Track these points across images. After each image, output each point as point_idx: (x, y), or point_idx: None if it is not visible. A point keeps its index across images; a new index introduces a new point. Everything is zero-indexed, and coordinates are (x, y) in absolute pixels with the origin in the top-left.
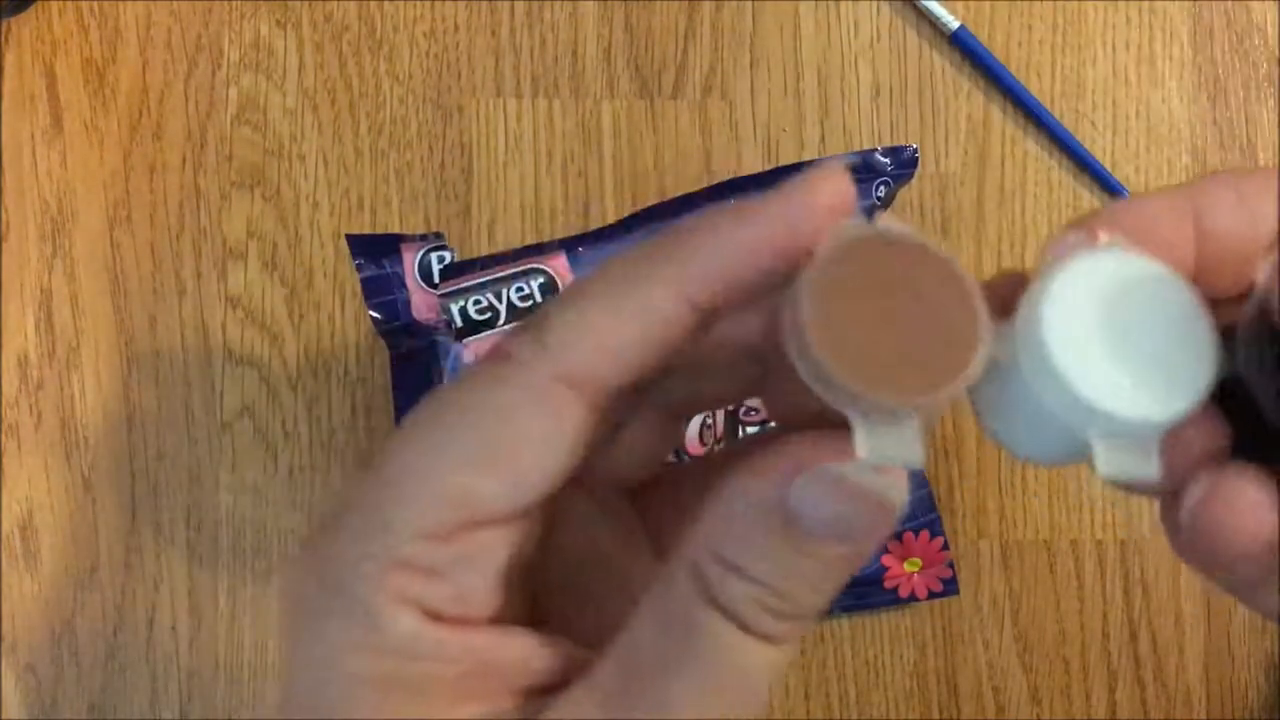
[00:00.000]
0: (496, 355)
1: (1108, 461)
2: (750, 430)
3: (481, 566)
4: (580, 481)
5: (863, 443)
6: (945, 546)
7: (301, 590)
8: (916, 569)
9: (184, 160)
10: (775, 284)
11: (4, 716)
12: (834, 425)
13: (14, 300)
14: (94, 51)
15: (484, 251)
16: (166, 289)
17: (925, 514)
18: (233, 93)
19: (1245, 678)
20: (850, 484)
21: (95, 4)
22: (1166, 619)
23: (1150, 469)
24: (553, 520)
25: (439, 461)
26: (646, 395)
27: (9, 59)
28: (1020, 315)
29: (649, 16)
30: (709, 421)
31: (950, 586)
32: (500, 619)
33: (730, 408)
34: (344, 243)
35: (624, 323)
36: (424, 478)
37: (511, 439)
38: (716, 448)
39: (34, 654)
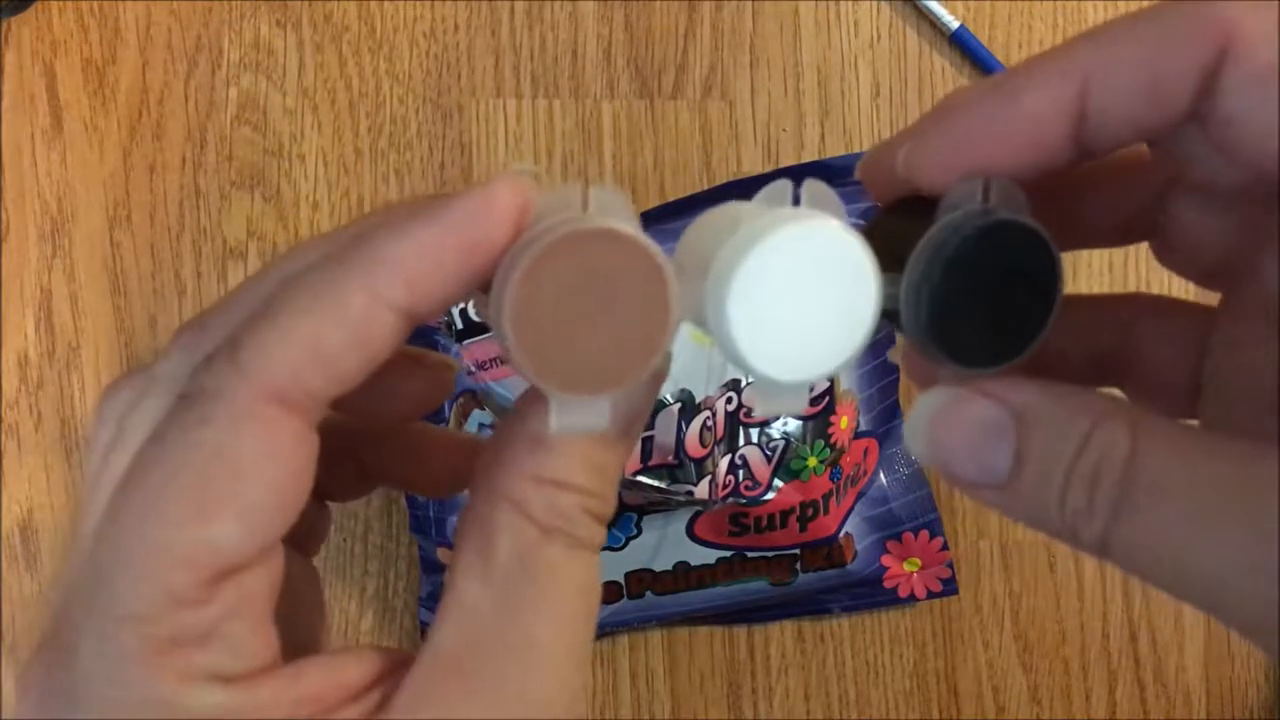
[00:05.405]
0: (191, 396)
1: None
2: (750, 430)
3: (246, 613)
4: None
5: (554, 420)
6: (945, 546)
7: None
8: (916, 569)
9: (184, 160)
10: (468, 282)
11: (4, 717)
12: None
13: (14, 300)
14: (94, 51)
15: None
16: (166, 289)
17: (925, 514)
18: (233, 93)
19: (1245, 678)
20: None
21: (95, 4)
22: (1166, 619)
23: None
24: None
25: (165, 525)
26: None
27: (9, 59)
28: (711, 278)
29: (649, 16)
30: (709, 423)
31: (950, 586)
32: (285, 649)
33: (729, 409)
34: None
35: (323, 326)
36: (155, 547)
37: (230, 476)
38: (718, 447)
39: None
